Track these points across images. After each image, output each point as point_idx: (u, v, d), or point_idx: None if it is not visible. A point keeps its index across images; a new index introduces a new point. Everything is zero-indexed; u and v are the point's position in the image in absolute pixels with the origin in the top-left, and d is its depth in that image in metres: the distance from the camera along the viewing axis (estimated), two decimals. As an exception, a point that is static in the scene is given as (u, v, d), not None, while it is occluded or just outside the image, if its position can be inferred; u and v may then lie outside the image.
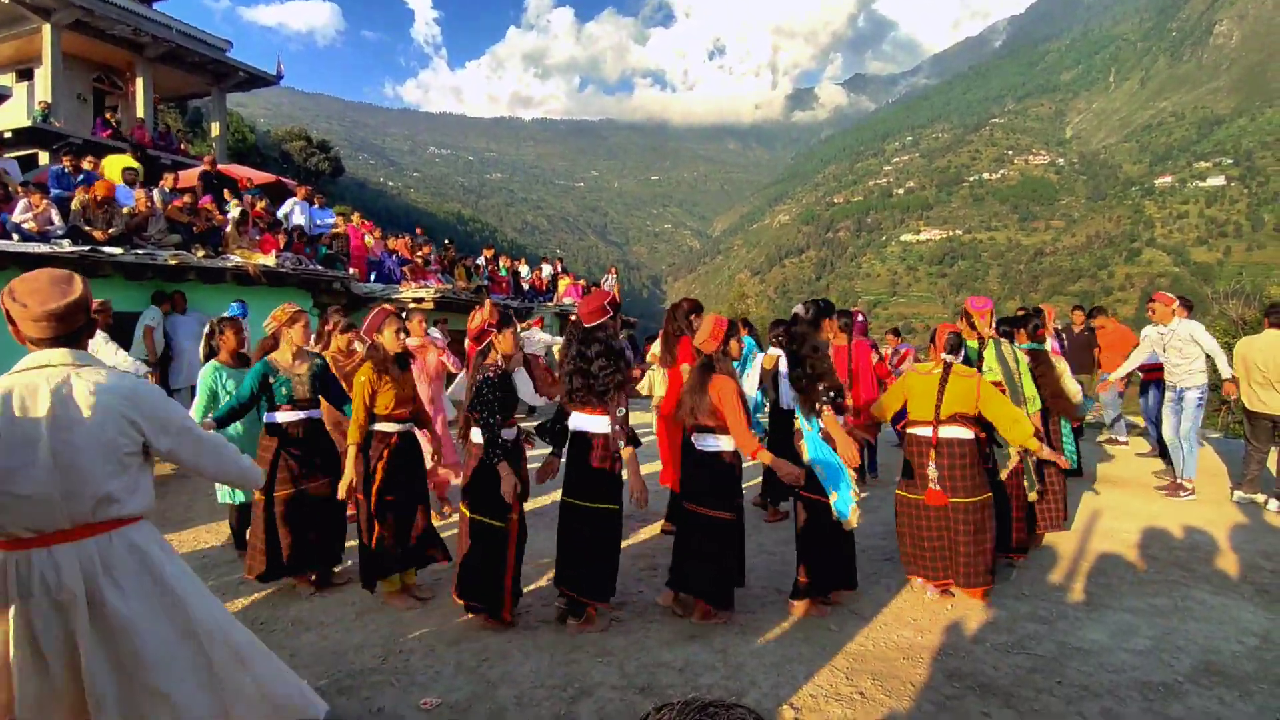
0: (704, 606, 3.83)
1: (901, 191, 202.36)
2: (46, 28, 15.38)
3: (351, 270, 12.09)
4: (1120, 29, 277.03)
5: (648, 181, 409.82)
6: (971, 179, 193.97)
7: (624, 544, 5.16)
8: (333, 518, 4.30)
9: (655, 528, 5.58)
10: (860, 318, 5.96)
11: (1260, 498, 6.14)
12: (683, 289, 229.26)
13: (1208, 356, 6.39)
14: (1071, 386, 5.27)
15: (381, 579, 4.01)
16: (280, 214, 12.12)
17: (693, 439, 3.88)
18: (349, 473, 3.87)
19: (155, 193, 9.63)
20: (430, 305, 12.25)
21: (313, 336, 5.21)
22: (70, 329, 2.00)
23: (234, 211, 10.48)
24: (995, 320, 5.02)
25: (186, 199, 9.82)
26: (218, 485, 4.72)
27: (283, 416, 4.16)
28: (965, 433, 4.02)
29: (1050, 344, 6.12)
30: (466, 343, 5.94)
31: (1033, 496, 4.62)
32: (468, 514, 3.75)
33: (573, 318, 3.91)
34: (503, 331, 3.78)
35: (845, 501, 3.78)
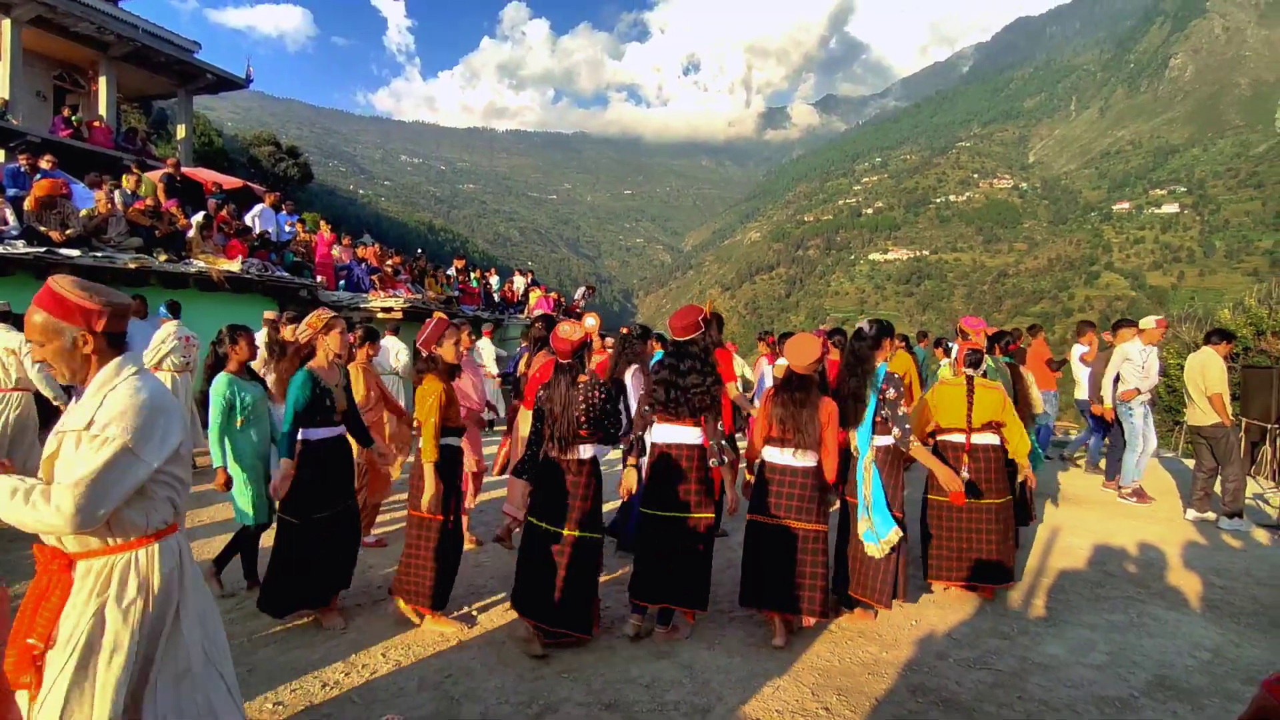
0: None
1: (870, 211, 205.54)
2: (6, 23, 15.00)
3: (319, 278, 11.92)
4: (1081, 59, 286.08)
5: (620, 195, 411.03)
6: (938, 200, 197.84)
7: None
8: (356, 542, 4.12)
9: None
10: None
11: (1211, 515, 6.32)
12: (654, 303, 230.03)
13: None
14: (1036, 396, 6.11)
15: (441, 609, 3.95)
16: (248, 220, 11.93)
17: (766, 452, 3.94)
18: (430, 489, 3.77)
19: (116, 194, 9.41)
20: (399, 315, 12.13)
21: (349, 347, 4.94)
22: None
23: (198, 216, 10.28)
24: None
25: (149, 201, 9.61)
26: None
27: (324, 433, 3.88)
28: (996, 439, 4.47)
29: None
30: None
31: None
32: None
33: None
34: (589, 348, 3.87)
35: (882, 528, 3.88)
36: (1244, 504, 6.25)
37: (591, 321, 5.45)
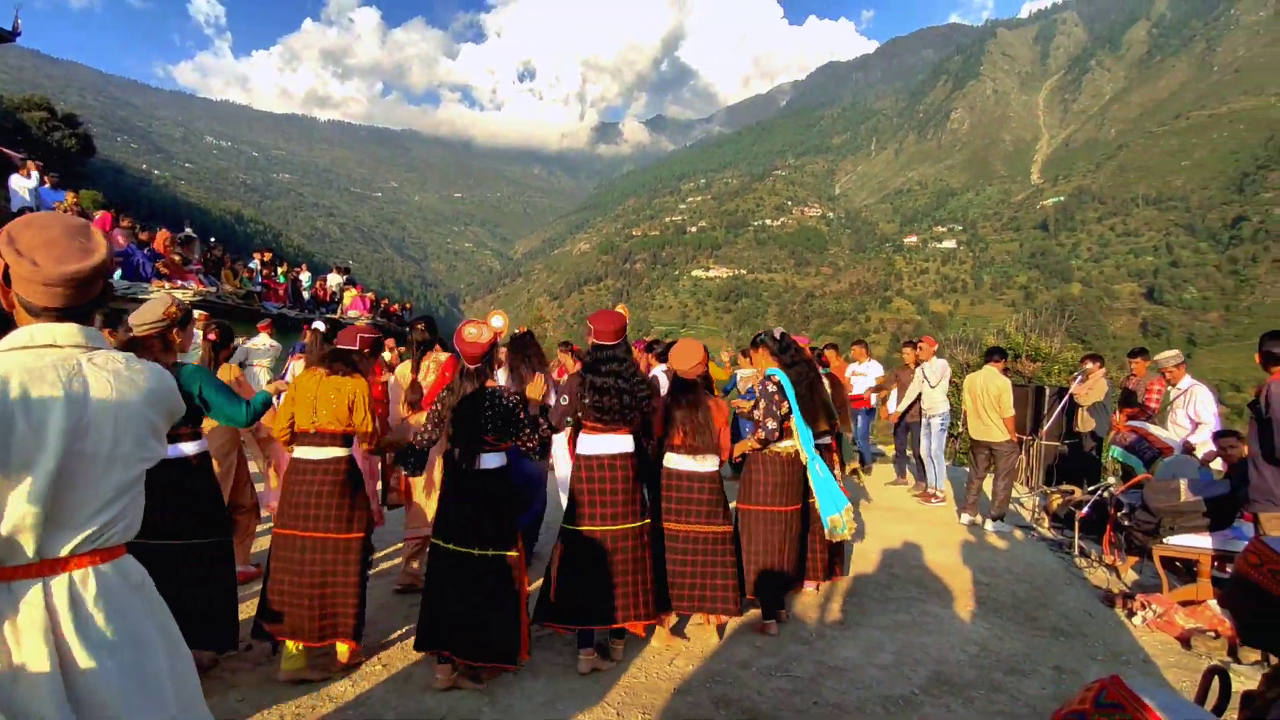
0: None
1: (694, 230, 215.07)
2: None
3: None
4: (880, 105, 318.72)
5: (450, 198, 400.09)
6: (756, 224, 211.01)
7: (374, 574, 4.79)
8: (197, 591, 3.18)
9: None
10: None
11: (979, 518, 7.04)
12: (481, 310, 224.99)
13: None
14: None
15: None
16: (13, 189, 10.20)
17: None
18: None
19: None
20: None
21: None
22: (86, 299, 1.55)
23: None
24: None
25: None
26: None
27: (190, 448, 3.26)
28: (825, 441, 4.68)
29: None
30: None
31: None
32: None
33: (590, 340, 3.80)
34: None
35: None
36: (1008, 508, 7.04)
37: (499, 322, 5.09)
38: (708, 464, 3.87)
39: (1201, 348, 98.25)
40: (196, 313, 5.30)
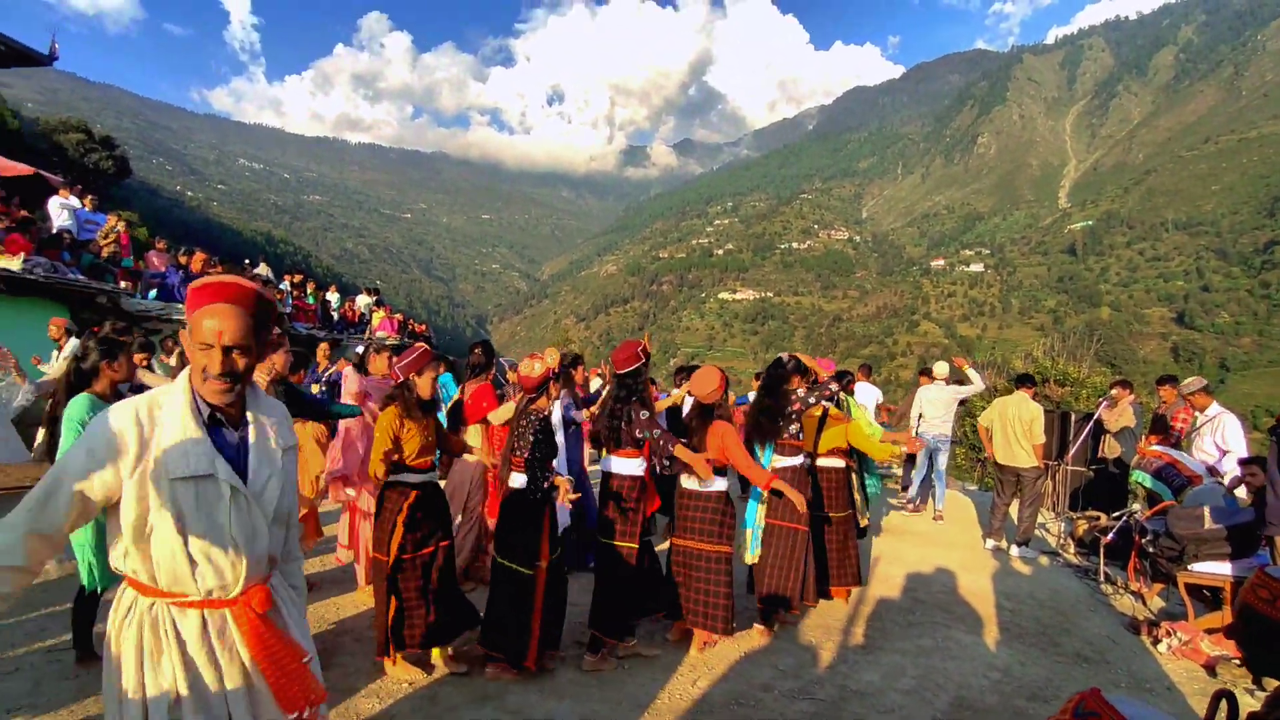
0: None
1: (721, 252, 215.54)
2: None
3: (123, 284, 10.70)
4: (907, 129, 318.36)
5: (478, 220, 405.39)
6: (783, 247, 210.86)
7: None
8: None
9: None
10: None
11: (1004, 543, 6.99)
12: (509, 330, 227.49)
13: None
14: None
15: (400, 651, 3.57)
16: (52, 213, 10.57)
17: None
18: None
19: None
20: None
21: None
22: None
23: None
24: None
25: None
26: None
27: None
28: (839, 462, 5.11)
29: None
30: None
31: (864, 521, 5.74)
32: (497, 560, 3.72)
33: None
34: (557, 380, 3.86)
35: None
36: (1033, 533, 6.98)
37: (553, 357, 5.43)
38: (708, 484, 4.02)
39: (1235, 373, 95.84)
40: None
